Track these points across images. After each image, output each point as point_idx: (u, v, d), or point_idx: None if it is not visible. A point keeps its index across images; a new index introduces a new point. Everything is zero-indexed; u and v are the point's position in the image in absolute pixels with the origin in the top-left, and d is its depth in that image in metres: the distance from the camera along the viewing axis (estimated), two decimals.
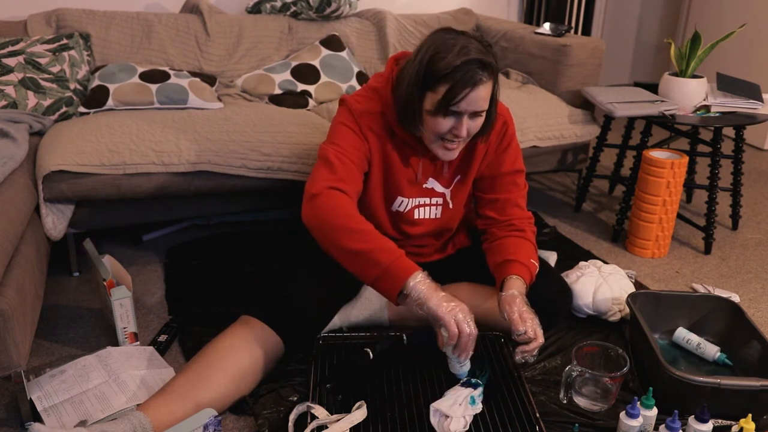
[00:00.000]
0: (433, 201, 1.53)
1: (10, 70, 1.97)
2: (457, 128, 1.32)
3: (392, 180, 1.48)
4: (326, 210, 1.27)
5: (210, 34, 2.39)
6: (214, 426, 1.23)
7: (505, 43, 2.67)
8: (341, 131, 1.41)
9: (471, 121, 1.32)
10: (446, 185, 1.53)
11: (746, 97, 2.26)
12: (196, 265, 2.03)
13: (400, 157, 1.45)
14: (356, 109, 1.42)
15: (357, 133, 1.41)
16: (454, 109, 1.29)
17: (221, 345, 1.36)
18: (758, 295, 1.95)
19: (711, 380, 1.34)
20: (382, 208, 1.53)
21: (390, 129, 1.43)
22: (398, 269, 1.23)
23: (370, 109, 1.42)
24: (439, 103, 1.28)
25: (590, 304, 1.73)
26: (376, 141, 1.43)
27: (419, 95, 1.31)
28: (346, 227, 1.25)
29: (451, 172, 1.53)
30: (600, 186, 2.85)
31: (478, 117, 1.33)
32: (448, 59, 1.25)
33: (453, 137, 1.34)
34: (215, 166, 1.84)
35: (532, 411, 1.35)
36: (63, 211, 1.79)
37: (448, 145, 1.36)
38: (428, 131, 1.35)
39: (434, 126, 1.32)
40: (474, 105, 1.29)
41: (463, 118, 1.30)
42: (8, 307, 1.23)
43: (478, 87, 1.26)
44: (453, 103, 1.27)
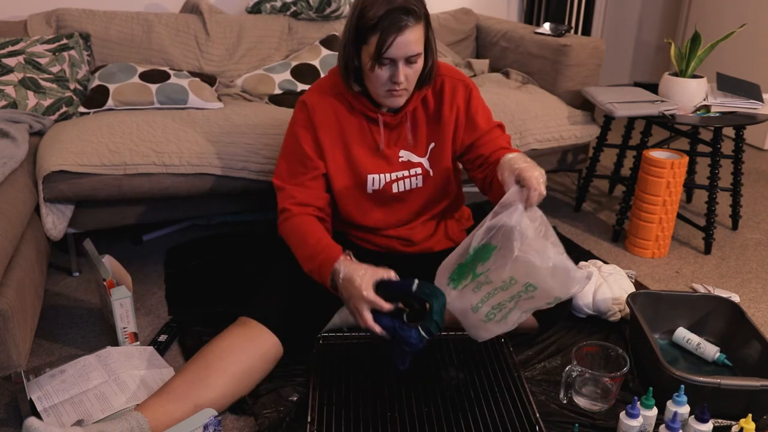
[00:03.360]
0: (412, 172, 1.54)
1: (10, 70, 1.97)
2: (395, 75, 1.36)
3: (356, 158, 1.50)
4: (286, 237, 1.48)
5: (210, 34, 2.39)
6: (214, 426, 1.23)
7: (505, 43, 2.67)
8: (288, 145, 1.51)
9: (407, 67, 1.37)
10: (422, 154, 1.55)
11: (746, 97, 2.26)
12: (196, 265, 2.03)
13: (361, 132, 1.50)
14: (309, 101, 1.48)
15: (306, 140, 1.48)
16: (387, 56, 1.33)
17: (220, 346, 1.36)
18: (758, 295, 1.95)
19: (711, 380, 1.34)
20: (355, 195, 1.54)
21: (349, 104, 1.48)
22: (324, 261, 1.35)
23: (323, 96, 1.48)
24: (373, 55, 1.34)
25: (590, 304, 1.73)
26: (330, 127, 1.48)
27: (355, 51, 1.38)
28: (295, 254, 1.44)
29: (420, 138, 1.53)
30: (600, 186, 2.85)
31: (414, 63, 1.38)
32: (373, 10, 1.31)
33: (394, 85, 1.38)
34: (216, 168, 1.84)
35: (532, 411, 1.35)
36: (63, 211, 1.79)
37: (393, 92, 1.40)
38: (372, 86, 1.41)
39: (375, 79, 1.38)
40: (404, 50, 1.33)
41: (398, 64, 1.35)
42: (8, 307, 1.23)
43: (405, 32, 1.31)
44: (383, 50, 1.32)
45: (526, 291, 1.29)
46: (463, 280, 1.34)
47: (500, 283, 1.29)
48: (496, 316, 1.35)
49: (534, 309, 1.36)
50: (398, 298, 1.31)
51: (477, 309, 1.35)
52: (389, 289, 1.30)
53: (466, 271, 1.33)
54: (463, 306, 1.36)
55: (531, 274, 1.26)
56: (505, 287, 1.30)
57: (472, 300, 1.34)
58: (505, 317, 1.35)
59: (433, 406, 1.38)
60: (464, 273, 1.33)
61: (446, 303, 1.31)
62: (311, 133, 1.48)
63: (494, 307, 1.34)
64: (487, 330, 1.38)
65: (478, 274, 1.31)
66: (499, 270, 1.28)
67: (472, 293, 1.34)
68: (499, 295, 1.31)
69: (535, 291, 1.28)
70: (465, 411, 1.37)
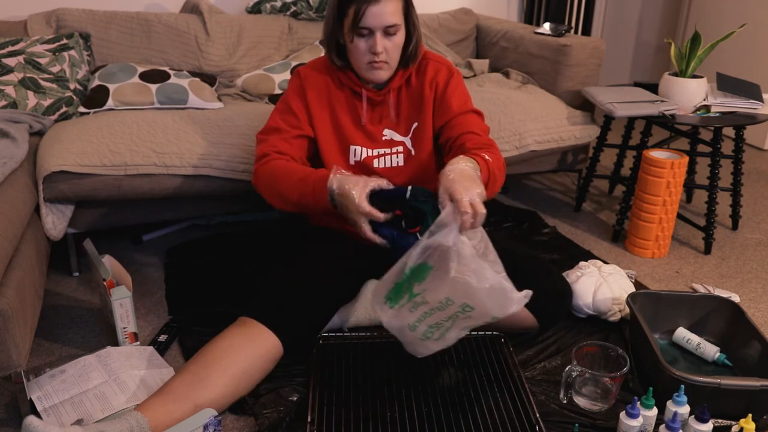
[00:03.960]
0: (393, 150, 1.57)
1: (10, 70, 1.97)
2: (372, 46, 1.42)
3: (342, 128, 1.55)
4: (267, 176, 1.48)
5: (210, 34, 2.39)
6: (214, 426, 1.23)
7: (505, 43, 2.67)
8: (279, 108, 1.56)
9: (386, 39, 1.43)
10: (404, 133, 1.57)
11: (746, 97, 2.26)
12: (196, 265, 2.03)
13: (348, 106, 1.56)
14: (303, 71, 1.57)
15: (297, 106, 1.54)
16: (363, 25, 1.40)
17: (220, 346, 1.36)
18: (758, 295, 1.95)
19: (711, 380, 1.34)
20: (340, 164, 1.56)
21: (339, 80, 1.55)
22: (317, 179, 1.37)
23: (316, 69, 1.56)
24: (350, 25, 1.41)
25: (590, 304, 1.73)
26: (320, 96, 1.54)
27: (338, 25, 1.46)
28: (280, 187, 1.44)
29: (404, 118, 1.56)
30: (600, 186, 2.85)
31: (393, 36, 1.43)
32: None
33: (373, 56, 1.43)
34: (217, 170, 1.84)
35: (532, 411, 1.35)
36: (63, 211, 1.79)
37: (374, 65, 1.45)
38: (354, 59, 1.47)
39: (356, 51, 1.44)
40: (381, 19, 1.39)
41: (376, 35, 1.41)
42: (8, 307, 1.23)
43: (380, 2, 1.38)
44: (359, 19, 1.39)
45: (463, 311, 1.25)
46: (400, 299, 1.31)
47: (437, 303, 1.26)
48: (434, 334, 1.33)
49: (473, 327, 1.32)
50: (394, 207, 1.32)
51: (414, 328, 1.32)
52: (383, 198, 1.31)
53: (402, 290, 1.30)
54: (400, 324, 1.34)
55: (468, 295, 1.22)
56: (442, 307, 1.26)
57: (409, 319, 1.32)
58: (443, 335, 1.32)
59: (433, 406, 1.38)
60: (401, 292, 1.30)
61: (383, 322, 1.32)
62: (302, 99, 1.55)
63: (431, 326, 1.31)
64: (426, 347, 1.36)
65: (414, 294, 1.28)
66: (435, 291, 1.24)
67: (409, 312, 1.31)
68: (436, 314, 1.28)
69: (472, 311, 1.25)
70: (465, 411, 1.37)
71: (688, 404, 1.32)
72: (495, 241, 1.67)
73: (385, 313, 1.33)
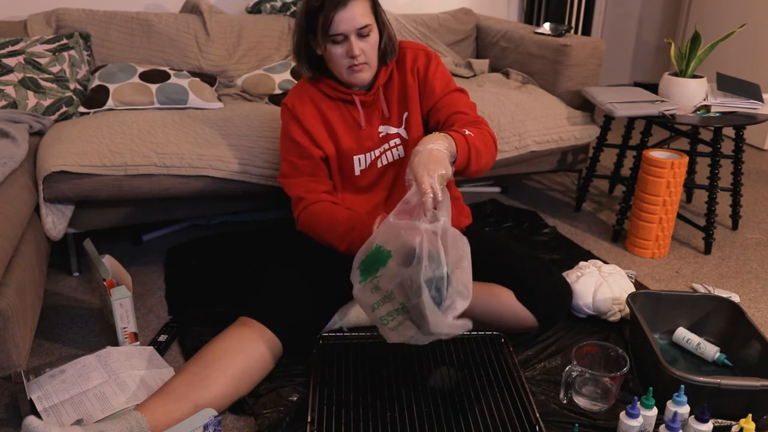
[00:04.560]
0: (391, 143, 1.58)
1: (10, 70, 1.97)
2: (349, 50, 1.42)
3: (341, 145, 1.55)
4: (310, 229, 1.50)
5: (210, 34, 2.39)
6: (214, 426, 1.23)
7: (505, 43, 2.67)
8: (284, 146, 1.57)
9: (361, 41, 1.42)
10: (397, 125, 1.58)
11: (746, 97, 2.26)
12: (196, 265, 2.03)
13: (342, 116, 1.55)
14: (289, 102, 1.55)
15: (298, 134, 1.53)
16: (335, 32, 1.39)
17: (220, 346, 1.36)
18: (758, 295, 1.95)
19: (711, 380, 1.34)
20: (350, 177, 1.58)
21: (325, 94, 1.54)
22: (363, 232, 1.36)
23: (300, 92, 1.56)
24: (322, 34, 1.41)
25: (590, 304, 1.73)
26: (313, 118, 1.54)
27: (310, 35, 1.46)
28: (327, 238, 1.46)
29: (394, 110, 1.57)
30: (600, 186, 2.85)
31: (367, 36, 1.43)
32: None
33: (352, 59, 1.43)
34: (217, 170, 1.84)
35: (532, 411, 1.35)
36: (63, 211, 1.79)
37: (355, 68, 1.45)
38: (334, 67, 1.47)
39: (333, 58, 1.44)
40: (351, 23, 1.39)
41: (350, 39, 1.41)
42: (8, 307, 1.23)
43: (347, 5, 1.38)
44: (329, 26, 1.39)
45: (403, 310, 1.24)
46: (368, 276, 1.28)
47: (386, 292, 1.25)
48: (389, 323, 1.29)
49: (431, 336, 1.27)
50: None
51: (374, 309, 1.29)
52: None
53: (370, 269, 1.28)
54: (365, 301, 1.30)
55: (407, 297, 1.21)
56: (389, 298, 1.25)
57: (370, 299, 1.29)
58: (397, 328, 1.27)
59: (433, 406, 1.38)
60: (369, 270, 1.28)
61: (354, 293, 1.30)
62: (300, 126, 1.53)
63: (388, 313, 1.28)
64: (386, 333, 1.30)
65: (377, 276, 1.26)
66: (387, 279, 1.24)
67: (371, 293, 1.28)
68: (387, 304, 1.26)
69: (408, 314, 1.23)
70: (465, 411, 1.37)
71: (688, 404, 1.32)
72: (495, 241, 1.68)
73: (356, 283, 1.30)
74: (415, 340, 1.28)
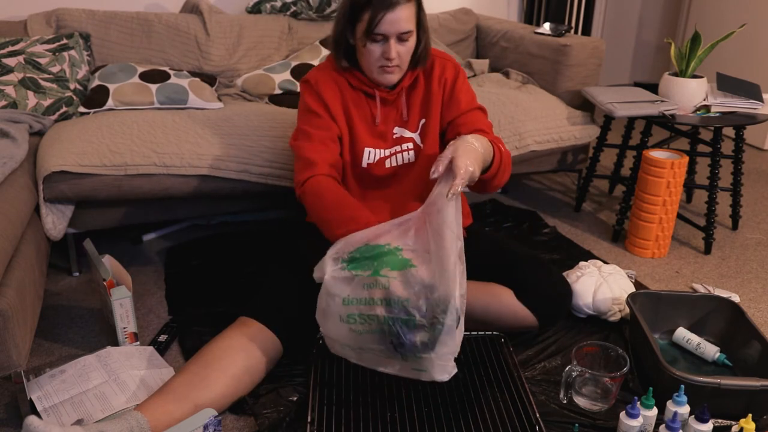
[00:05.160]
0: (403, 147, 1.58)
1: (10, 70, 1.97)
2: (386, 52, 1.42)
3: (356, 132, 1.54)
4: (311, 202, 1.43)
5: (210, 34, 2.39)
6: (214, 426, 1.23)
7: (505, 43, 2.67)
8: (304, 117, 1.54)
9: (399, 44, 1.43)
10: (413, 129, 1.58)
11: (746, 97, 2.26)
12: (196, 265, 2.03)
13: (359, 107, 1.55)
14: (312, 78, 1.54)
15: (317, 107, 1.51)
16: (378, 32, 1.39)
17: (220, 346, 1.36)
18: (758, 295, 1.95)
19: (711, 380, 1.34)
20: (350, 170, 1.57)
21: (348, 83, 1.53)
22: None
23: (325, 73, 1.54)
24: (365, 31, 1.40)
25: (590, 304, 1.73)
26: (335, 98, 1.53)
27: (350, 29, 1.45)
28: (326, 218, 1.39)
29: (413, 115, 1.57)
30: (600, 186, 2.85)
31: (406, 41, 1.43)
32: None
33: (386, 61, 1.43)
34: (217, 170, 1.84)
35: (532, 411, 1.35)
36: (63, 211, 1.79)
37: (386, 69, 1.46)
38: (365, 62, 1.47)
39: (368, 55, 1.44)
40: (396, 26, 1.39)
41: (390, 41, 1.41)
42: (8, 307, 1.23)
43: (396, 9, 1.38)
44: (375, 25, 1.38)
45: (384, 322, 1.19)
46: (361, 270, 1.22)
47: (394, 297, 1.19)
48: (356, 323, 1.22)
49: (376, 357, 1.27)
50: None
51: (348, 302, 1.22)
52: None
53: (368, 262, 1.22)
54: (336, 290, 1.23)
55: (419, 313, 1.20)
56: (392, 304, 1.20)
57: (351, 292, 1.22)
58: (360, 334, 1.22)
59: (433, 406, 1.38)
60: (365, 263, 1.22)
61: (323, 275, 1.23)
62: (320, 101, 1.52)
63: (363, 315, 1.21)
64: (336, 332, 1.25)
65: (381, 275, 1.21)
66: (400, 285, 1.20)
67: (359, 287, 1.22)
68: (379, 308, 1.20)
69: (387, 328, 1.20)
70: (465, 411, 1.37)
71: (688, 404, 1.32)
72: (495, 240, 1.68)
73: (333, 268, 1.23)
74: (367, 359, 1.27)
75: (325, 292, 1.26)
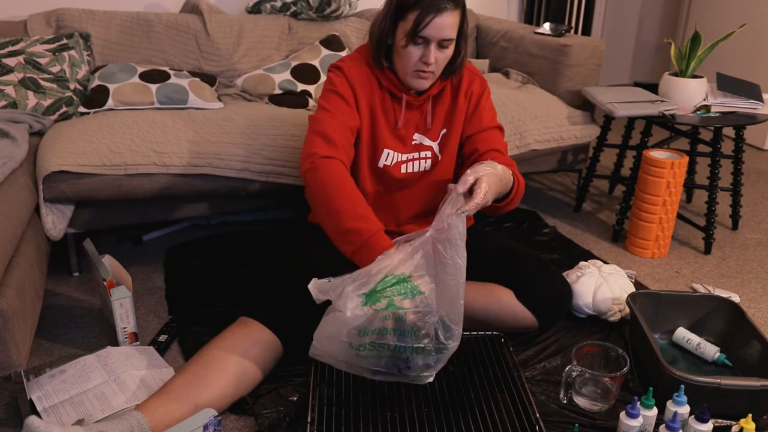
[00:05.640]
0: (422, 155, 1.57)
1: (10, 70, 1.97)
2: (425, 56, 1.40)
3: (378, 130, 1.53)
4: (320, 182, 1.34)
5: (210, 34, 2.39)
6: (214, 426, 1.23)
7: (505, 43, 2.67)
8: (328, 97, 1.48)
9: (439, 51, 1.41)
10: (434, 138, 1.57)
11: (746, 97, 2.26)
12: (196, 265, 2.03)
13: (384, 107, 1.53)
14: (344, 65, 1.50)
15: (344, 92, 1.48)
16: (422, 35, 1.37)
17: (220, 346, 1.36)
18: (758, 295, 1.95)
19: (711, 380, 1.34)
20: (367, 165, 1.55)
21: (378, 80, 1.51)
22: (368, 249, 1.27)
23: (357, 64, 1.51)
24: (409, 31, 1.38)
25: (590, 304, 1.73)
26: (364, 92, 1.50)
27: (391, 27, 1.43)
28: (334, 204, 1.32)
29: (436, 124, 1.56)
30: (600, 186, 2.85)
31: (446, 49, 1.42)
32: None
33: (424, 65, 1.42)
34: (217, 168, 1.84)
35: (532, 411, 1.35)
36: (63, 211, 1.79)
37: (420, 74, 1.44)
38: (401, 64, 1.45)
39: (407, 56, 1.42)
40: (440, 32, 1.37)
41: (431, 46, 1.39)
42: (8, 307, 1.23)
43: (443, 14, 1.36)
44: (420, 28, 1.36)
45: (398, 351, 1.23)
46: (377, 302, 1.21)
47: (407, 327, 1.21)
48: (365, 350, 1.24)
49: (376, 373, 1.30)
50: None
51: (362, 334, 1.22)
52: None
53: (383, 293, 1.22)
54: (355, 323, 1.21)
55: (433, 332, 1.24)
56: (405, 334, 1.21)
57: (368, 325, 1.22)
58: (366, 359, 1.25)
59: (433, 406, 1.38)
60: (381, 295, 1.22)
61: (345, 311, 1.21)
62: (352, 92, 1.49)
63: (374, 344, 1.23)
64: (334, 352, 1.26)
65: (396, 306, 1.21)
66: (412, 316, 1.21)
67: (377, 320, 1.21)
68: (391, 337, 1.22)
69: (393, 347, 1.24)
70: (465, 411, 1.37)
71: (688, 404, 1.32)
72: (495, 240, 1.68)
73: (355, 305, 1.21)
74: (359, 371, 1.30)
75: (339, 323, 1.23)
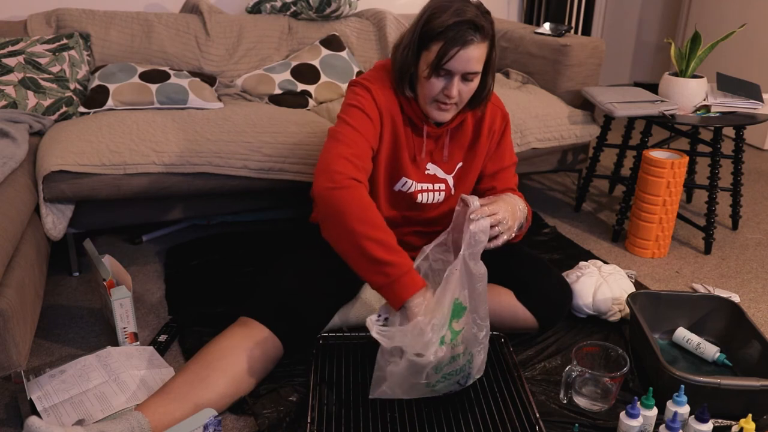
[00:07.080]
0: (436, 186, 1.55)
1: (10, 70, 1.97)
2: (448, 89, 1.35)
3: (398, 156, 1.48)
4: (347, 206, 1.26)
5: (210, 34, 2.39)
6: (214, 426, 1.23)
7: (505, 43, 2.67)
8: (354, 113, 1.40)
9: (463, 84, 1.36)
10: (448, 171, 1.55)
11: (746, 97, 2.26)
12: (196, 265, 2.03)
13: (406, 135, 1.48)
14: (371, 86, 1.43)
15: (371, 111, 1.41)
16: (446, 67, 1.32)
17: (220, 346, 1.36)
18: (758, 295, 1.95)
19: (711, 380, 1.34)
20: (384, 187, 1.53)
21: (400, 105, 1.45)
22: (404, 285, 1.23)
23: (383, 86, 1.45)
24: (432, 62, 1.32)
25: (590, 304, 1.73)
26: (389, 117, 1.44)
27: (415, 56, 1.36)
28: (365, 232, 1.24)
29: (452, 157, 1.54)
30: (600, 186, 2.85)
31: (470, 82, 1.37)
32: (442, 18, 1.30)
33: (446, 98, 1.37)
34: (216, 167, 1.84)
35: (532, 411, 1.35)
36: (63, 211, 1.79)
37: (441, 105, 1.39)
38: (423, 94, 1.39)
39: (429, 88, 1.36)
40: (465, 65, 1.32)
41: (454, 79, 1.34)
42: (8, 307, 1.23)
43: (469, 47, 1.30)
44: (444, 61, 1.31)
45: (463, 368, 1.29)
46: (447, 339, 1.23)
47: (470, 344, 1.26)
48: (438, 382, 1.29)
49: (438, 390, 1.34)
50: None
51: (439, 370, 1.25)
52: None
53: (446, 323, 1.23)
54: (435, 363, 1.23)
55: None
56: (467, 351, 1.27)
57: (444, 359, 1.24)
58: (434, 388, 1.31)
59: (433, 406, 1.38)
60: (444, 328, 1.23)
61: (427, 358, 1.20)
62: (378, 114, 1.42)
63: (446, 374, 1.26)
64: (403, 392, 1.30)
65: (456, 331, 1.23)
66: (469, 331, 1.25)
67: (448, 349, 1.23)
68: (462, 359, 1.27)
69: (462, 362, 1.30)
70: (465, 411, 1.37)
71: (688, 404, 1.32)
72: None
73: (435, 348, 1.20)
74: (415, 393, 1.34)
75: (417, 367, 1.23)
